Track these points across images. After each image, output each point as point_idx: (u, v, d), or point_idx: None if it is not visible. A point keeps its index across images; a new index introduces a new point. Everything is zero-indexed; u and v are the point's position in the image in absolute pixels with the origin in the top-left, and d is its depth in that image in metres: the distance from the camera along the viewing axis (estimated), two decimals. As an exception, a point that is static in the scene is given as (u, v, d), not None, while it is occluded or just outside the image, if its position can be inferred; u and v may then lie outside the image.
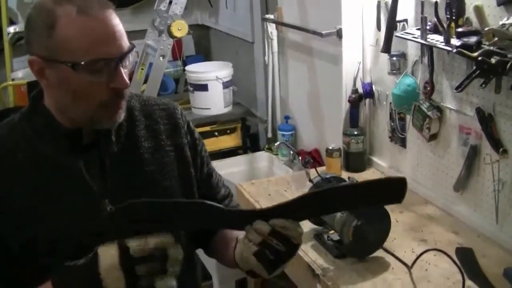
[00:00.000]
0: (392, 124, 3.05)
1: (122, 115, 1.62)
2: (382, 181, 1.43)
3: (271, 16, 4.05)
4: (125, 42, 1.54)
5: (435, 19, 2.40)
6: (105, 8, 1.51)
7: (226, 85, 4.51)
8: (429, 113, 2.64)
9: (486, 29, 2.17)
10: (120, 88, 1.54)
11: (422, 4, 2.51)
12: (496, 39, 2.13)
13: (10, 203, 1.55)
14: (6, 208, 1.55)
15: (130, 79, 1.60)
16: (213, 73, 4.49)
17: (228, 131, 4.71)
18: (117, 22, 1.53)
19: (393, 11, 2.67)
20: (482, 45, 2.17)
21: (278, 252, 1.45)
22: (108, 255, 1.41)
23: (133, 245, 1.40)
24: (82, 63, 1.47)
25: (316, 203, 1.48)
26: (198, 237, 1.92)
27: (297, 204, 1.47)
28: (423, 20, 2.47)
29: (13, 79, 4.88)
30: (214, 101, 4.53)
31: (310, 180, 2.61)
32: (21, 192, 1.56)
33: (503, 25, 2.13)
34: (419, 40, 2.53)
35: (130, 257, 1.40)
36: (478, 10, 2.22)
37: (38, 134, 1.61)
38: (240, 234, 1.61)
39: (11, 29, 4.88)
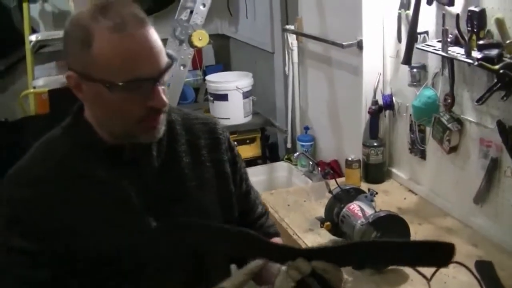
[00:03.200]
0: (412, 136, 3.05)
1: (161, 130, 1.59)
2: (432, 244, 1.40)
3: (292, 27, 4.05)
4: (163, 59, 1.50)
5: (456, 32, 2.40)
6: (142, 25, 1.47)
7: (246, 95, 4.53)
8: (449, 126, 2.63)
9: (507, 41, 2.17)
10: (158, 107, 1.52)
11: (443, 16, 2.51)
12: (517, 51, 2.13)
13: (61, 222, 1.53)
14: (58, 226, 1.53)
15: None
16: (233, 83, 4.51)
17: (248, 141, 4.71)
18: (154, 38, 1.48)
19: (414, 23, 2.68)
20: (504, 58, 2.17)
21: None
22: None
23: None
24: (118, 83, 1.44)
25: (362, 253, 1.42)
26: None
27: (342, 250, 1.43)
28: (444, 32, 2.47)
29: (34, 87, 4.90)
30: (234, 111, 4.55)
31: (330, 191, 2.61)
32: (67, 210, 1.55)
33: (525, 38, 2.13)
34: (440, 52, 2.53)
35: None
36: (500, 22, 2.22)
37: (81, 150, 1.60)
38: None
39: (33, 38, 4.90)
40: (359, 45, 3.24)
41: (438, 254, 1.36)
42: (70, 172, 1.57)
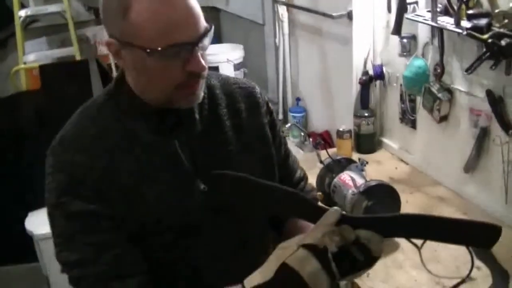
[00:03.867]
0: (402, 105, 3.07)
1: (200, 95, 1.60)
2: (480, 224, 1.38)
3: (282, -2, 4.05)
4: (201, 24, 1.50)
5: (446, 1, 2.41)
6: None
7: (237, 67, 4.52)
8: (439, 95, 2.65)
9: (496, 11, 2.17)
10: (197, 71, 1.52)
11: (433, -14, 2.51)
12: (506, 21, 2.14)
13: (118, 184, 1.56)
14: (116, 189, 1.55)
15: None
16: (224, 55, 4.50)
17: (239, 113, 4.69)
18: (192, 3, 1.48)
19: (403, -7, 2.68)
20: (493, 27, 2.17)
21: (355, 260, 1.39)
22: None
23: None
24: (157, 49, 1.44)
25: (407, 226, 1.41)
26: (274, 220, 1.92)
27: (388, 220, 1.42)
28: (434, 2, 2.47)
29: (24, 63, 4.88)
30: (225, 83, 4.52)
31: (321, 162, 2.63)
32: (124, 172, 1.57)
33: (514, 7, 2.13)
34: (429, 22, 2.53)
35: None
36: (489, -8, 2.22)
37: (127, 114, 1.60)
38: None
39: (23, 13, 4.87)
40: (349, 16, 3.24)
41: (485, 235, 1.34)
42: (122, 135, 1.59)
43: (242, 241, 1.74)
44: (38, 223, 3.84)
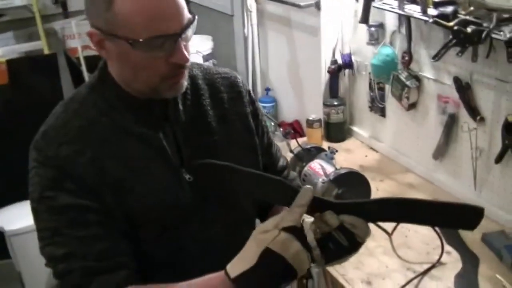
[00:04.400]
0: (371, 94, 3.08)
1: (184, 85, 1.59)
2: (463, 206, 1.39)
3: (250, -11, 4.04)
4: (185, 15, 1.50)
5: (412, -11, 2.42)
6: None
7: (206, 58, 4.50)
8: (407, 83, 2.67)
9: (462, -2, 2.20)
10: (180, 63, 1.52)
11: (399, -26, 2.52)
12: (472, 8, 2.15)
13: (106, 176, 1.54)
14: (104, 182, 1.53)
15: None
16: (193, 46, 4.48)
17: (209, 104, 4.68)
18: None
19: (370, -19, 2.69)
20: (458, 15, 2.19)
21: (340, 245, 1.41)
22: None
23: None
24: (140, 40, 1.43)
25: (391, 210, 1.43)
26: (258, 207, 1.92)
27: (371, 205, 1.45)
28: (401, -10, 2.49)
29: (-9, 57, 4.82)
30: (195, 75, 4.51)
31: (291, 151, 2.64)
32: (111, 165, 1.55)
33: (479, -6, 2.15)
34: (396, 10, 2.55)
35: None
36: (454, -21, 2.24)
37: (113, 106, 1.59)
38: None
39: (-11, 6, 4.82)
40: (317, 6, 3.25)
41: (468, 217, 1.36)
42: (107, 128, 1.57)
43: (231, 230, 1.74)
44: (9, 219, 3.78)
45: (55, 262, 1.51)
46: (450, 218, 1.38)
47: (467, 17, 2.15)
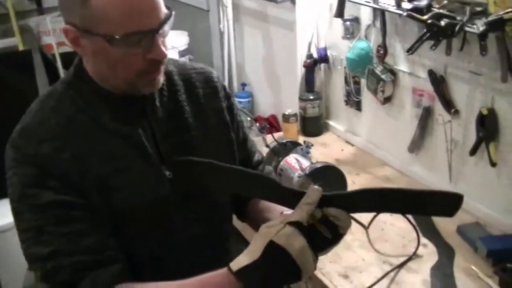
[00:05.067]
0: (347, 88, 3.09)
1: (160, 81, 1.58)
2: (442, 194, 1.40)
3: (225, -17, 4.03)
4: (162, 11, 1.49)
5: (386, -17, 2.43)
6: None
7: (182, 53, 4.49)
8: (382, 76, 2.68)
9: (436, -8, 2.21)
10: (158, 59, 1.51)
11: (373, -32, 2.53)
12: (445, 2, 2.17)
13: (89, 173, 1.52)
14: (87, 178, 1.51)
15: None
16: (169, 42, 4.46)
17: (186, 100, 4.66)
18: None
19: (345, -25, 2.70)
20: (432, 8, 2.20)
21: (324, 238, 1.42)
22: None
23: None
24: (117, 36, 1.41)
25: (371, 200, 1.43)
26: (235, 201, 1.91)
27: (353, 196, 1.44)
28: (375, -16, 2.49)
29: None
30: (171, 70, 4.49)
31: (267, 145, 2.64)
32: (93, 162, 1.53)
33: (452, -13, 2.16)
34: (371, 4, 2.56)
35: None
36: (428, -27, 2.25)
37: (90, 103, 1.57)
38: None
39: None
40: (293, 0, 3.25)
41: (447, 203, 1.37)
42: (85, 125, 1.55)
43: (212, 226, 1.74)
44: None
45: (42, 262, 1.47)
46: (431, 206, 1.39)
47: (441, 11, 2.17)
